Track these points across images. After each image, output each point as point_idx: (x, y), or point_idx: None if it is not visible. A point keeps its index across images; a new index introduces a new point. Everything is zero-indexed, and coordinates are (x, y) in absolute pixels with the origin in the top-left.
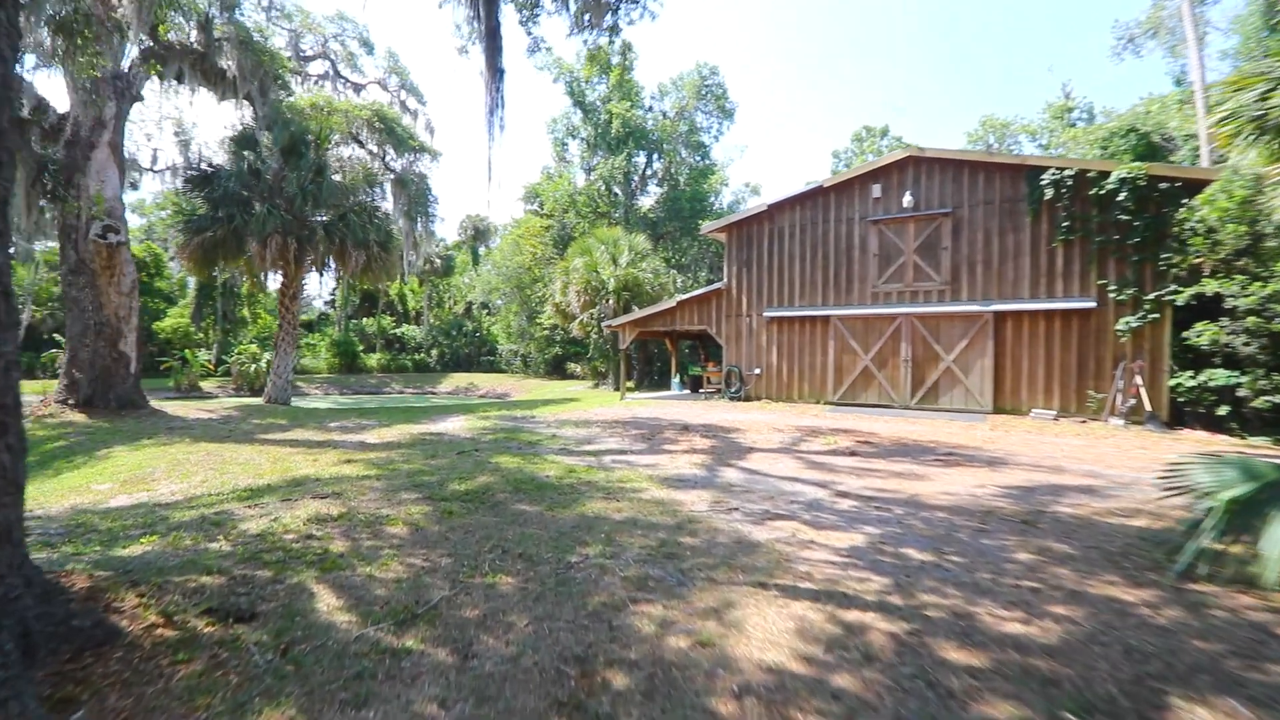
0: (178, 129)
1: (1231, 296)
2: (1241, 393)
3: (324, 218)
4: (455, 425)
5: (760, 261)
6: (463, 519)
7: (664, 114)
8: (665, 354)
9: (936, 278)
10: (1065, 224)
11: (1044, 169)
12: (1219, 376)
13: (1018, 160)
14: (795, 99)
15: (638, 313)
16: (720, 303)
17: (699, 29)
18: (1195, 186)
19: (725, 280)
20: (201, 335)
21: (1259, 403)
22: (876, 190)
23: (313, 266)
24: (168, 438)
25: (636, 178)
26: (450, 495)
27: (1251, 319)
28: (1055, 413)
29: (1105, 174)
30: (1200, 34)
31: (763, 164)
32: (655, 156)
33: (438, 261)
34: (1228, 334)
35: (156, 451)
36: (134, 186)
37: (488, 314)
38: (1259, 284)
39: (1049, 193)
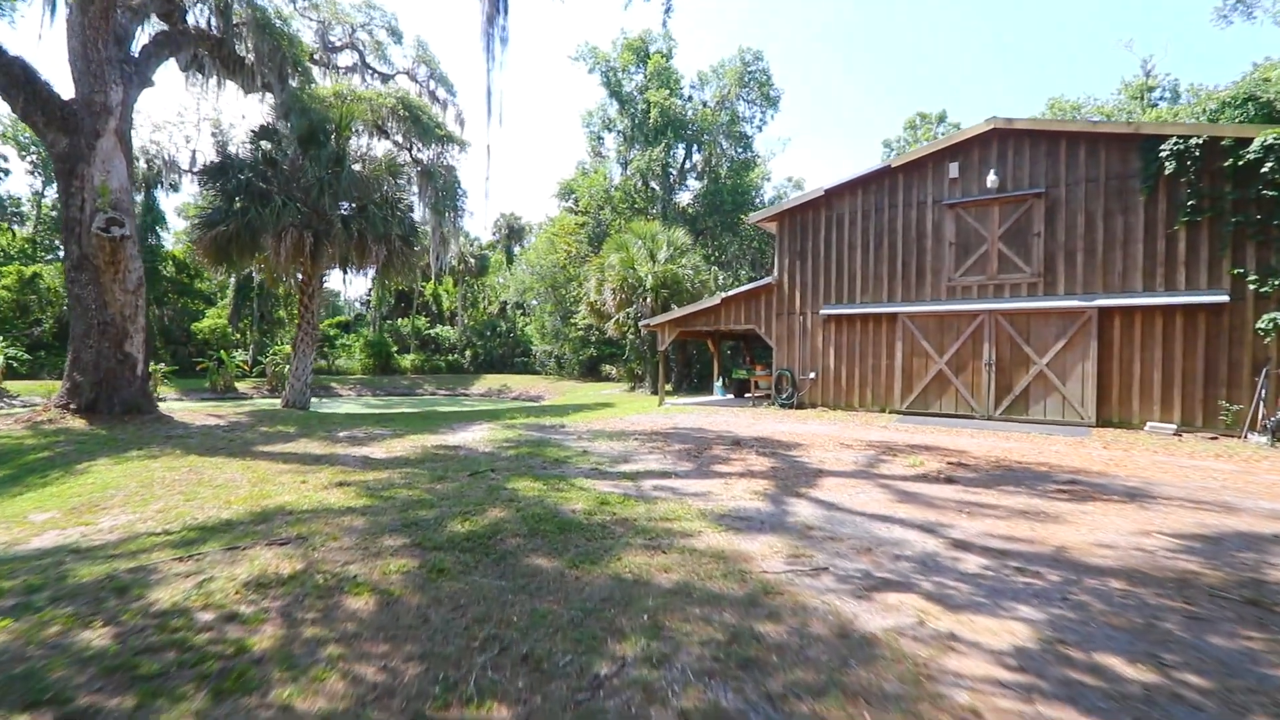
0: (215, 129)
1: None
2: None
3: (344, 211)
4: (475, 436)
5: (816, 253)
6: (455, 582)
7: (704, 103)
8: (706, 355)
9: (1026, 269)
10: (1190, 203)
11: (1163, 138)
12: None
13: (1130, 129)
14: (840, 89)
15: (678, 311)
16: (770, 299)
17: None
18: None
19: (775, 274)
20: (239, 336)
21: None
22: (953, 169)
23: (333, 263)
24: (159, 449)
25: (675, 171)
26: (446, 541)
27: None
28: (1176, 427)
29: (1245, 141)
30: None
31: (807, 158)
32: (695, 149)
33: (471, 261)
34: None
35: (137, 467)
36: (174, 188)
37: (522, 314)
38: None
39: (1170, 166)
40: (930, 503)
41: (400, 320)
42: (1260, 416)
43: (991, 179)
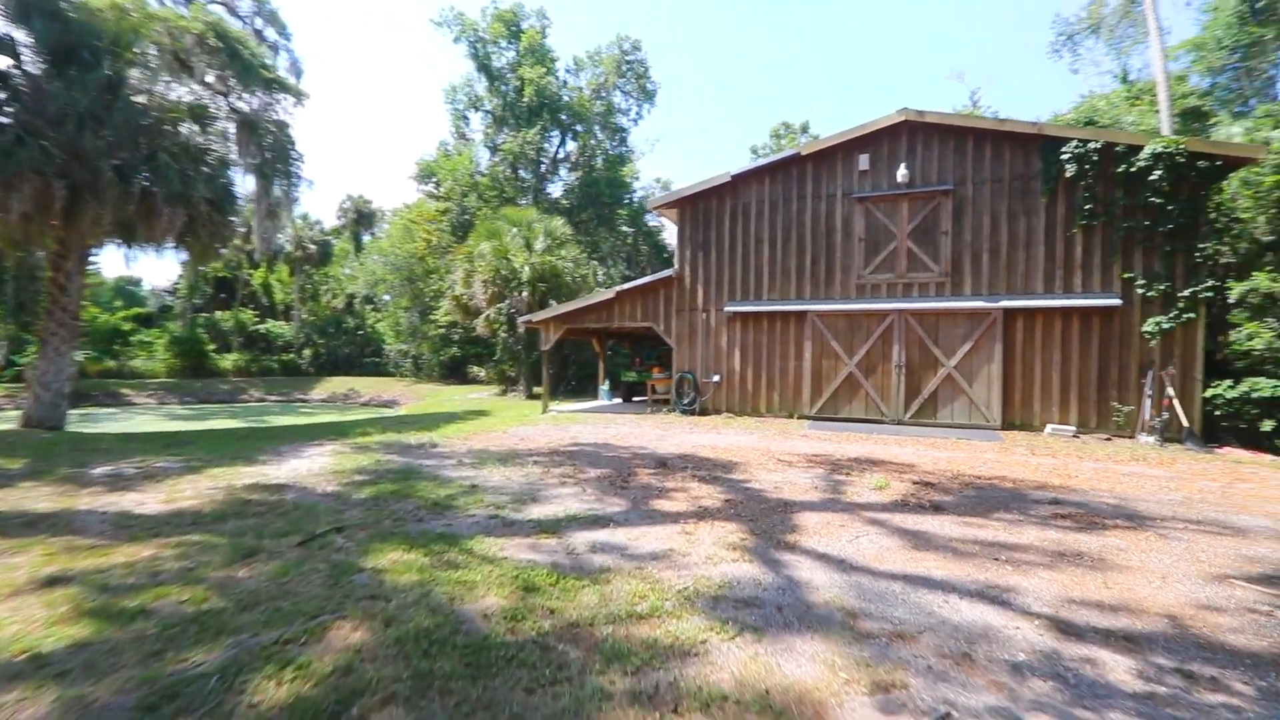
0: None
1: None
2: None
3: (121, 160)
4: (314, 465)
5: (720, 245)
6: None
7: (580, 89)
8: (585, 356)
9: (935, 268)
10: (1087, 206)
11: (1064, 140)
12: (1264, 387)
13: (1034, 129)
14: (708, 93)
15: (565, 306)
16: (670, 295)
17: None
18: (1239, 165)
19: (676, 267)
20: None
21: None
22: (864, 161)
23: (105, 229)
24: None
25: (547, 161)
26: None
27: None
28: (1074, 429)
29: (1136, 148)
30: (1160, 26)
31: (676, 160)
32: (568, 138)
33: (312, 247)
34: (1267, 339)
35: None
36: None
37: (373, 309)
38: None
39: (1070, 169)
40: (950, 548)
41: (220, 314)
42: (1148, 418)
43: (902, 173)
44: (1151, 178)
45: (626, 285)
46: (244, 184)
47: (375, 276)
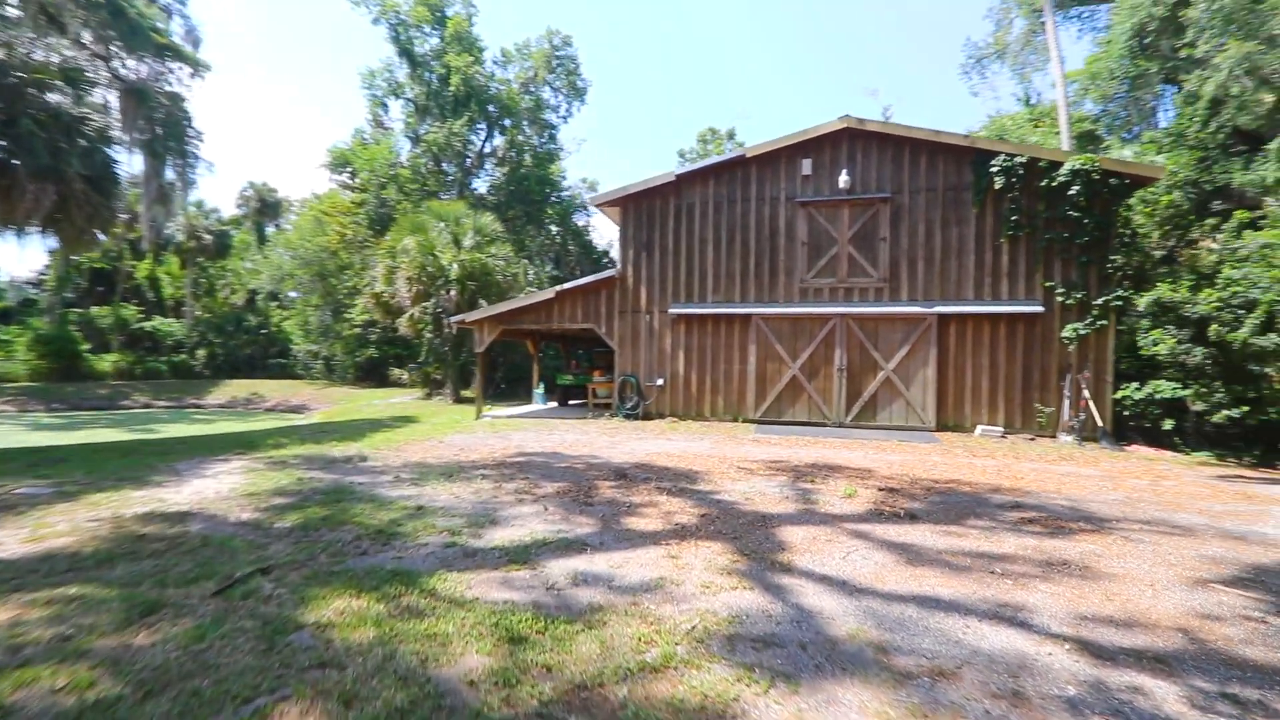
0: None
1: (1185, 303)
2: (1199, 406)
3: None
4: (221, 487)
5: (665, 245)
6: None
7: (509, 82)
8: (516, 358)
9: (874, 273)
10: (1013, 218)
11: (993, 154)
12: (1165, 389)
13: (966, 142)
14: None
15: (502, 306)
16: (612, 295)
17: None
18: (1143, 184)
19: (619, 267)
20: None
21: (1218, 417)
22: (806, 166)
23: None
24: None
25: (473, 155)
26: None
27: (1215, 327)
28: (1002, 430)
29: (1057, 165)
30: (1061, 56)
31: (602, 160)
32: (495, 132)
33: (208, 238)
34: (1180, 344)
35: None
36: None
37: (279, 306)
38: (1210, 291)
39: (999, 182)
40: (942, 561)
41: (98, 309)
42: (1067, 418)
43: (843, 179)
44: (1070, 192)
45: (567, 285)
46: (131, 163)
47: (282, 271)
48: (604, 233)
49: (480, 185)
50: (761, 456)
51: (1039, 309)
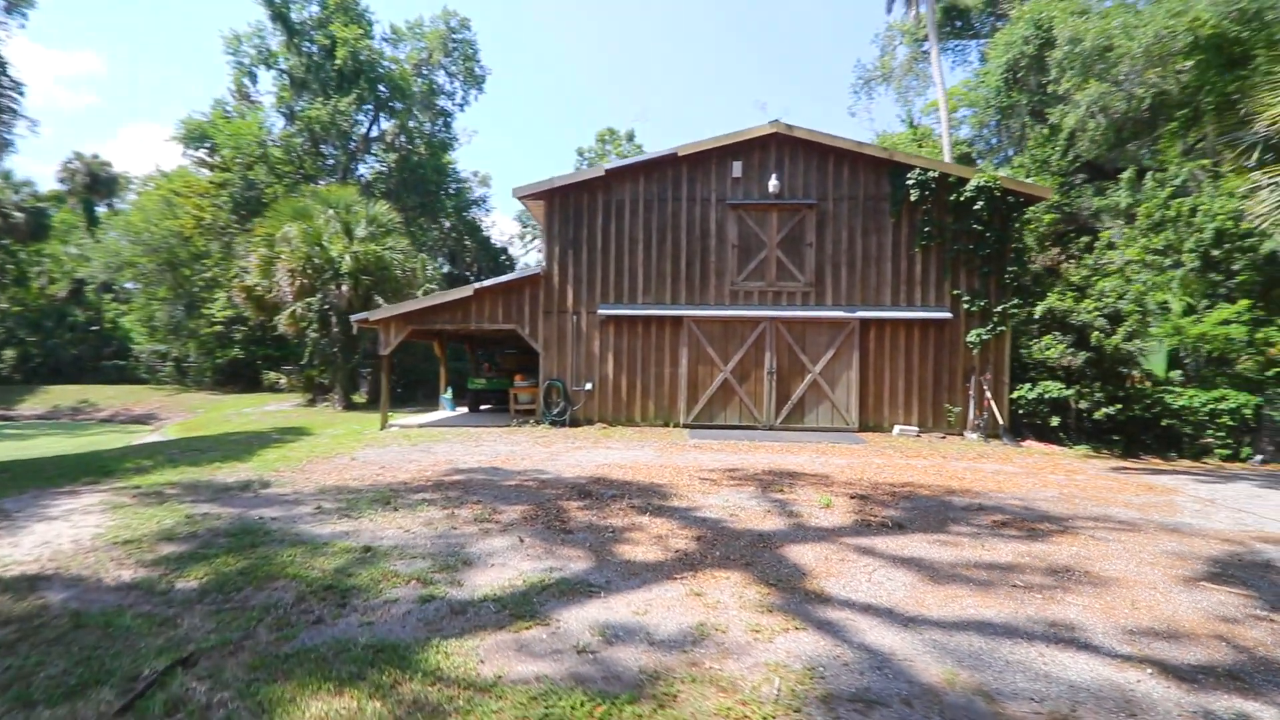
0: None
1: (1070, 313)
2: (1083, 405)
3: None
4: (79, 534)
5: (593, 243)
6: None
7: (400, 62)
8: (412, 360)
9: (800, 277)
10: (926, 229)
11: (910, 167)
12: (1053, 389)
13: (886, 154)
14: (533, 91)
15: (412, 304)
16: (536, 294)
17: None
18: (1033, 202)
19: (544, 264)
20: None
21: (1099, 414)
22: (737, 168)
23: None
24: None
25: (358, 138)
26: None
27: (1096, 335)
28: (917, 429)
29: (964, 181)
30: (945, 85)
31: (498, 154)
32: (384, 115)
33: (18, 215)
34: (1067, 349)
35: None
36: None
37: (114, 300)
38: (1089, 301)
39: (914, 194)
40: (962, 577)
41: None
42: (972, 417)
43: (774, 184)
44: (975, 207)
45: (487, 282)
46: None
47: (119, 259)
48: (503, 228)
49: (366, 172)
50: (712, 464)
51: (948, 315)
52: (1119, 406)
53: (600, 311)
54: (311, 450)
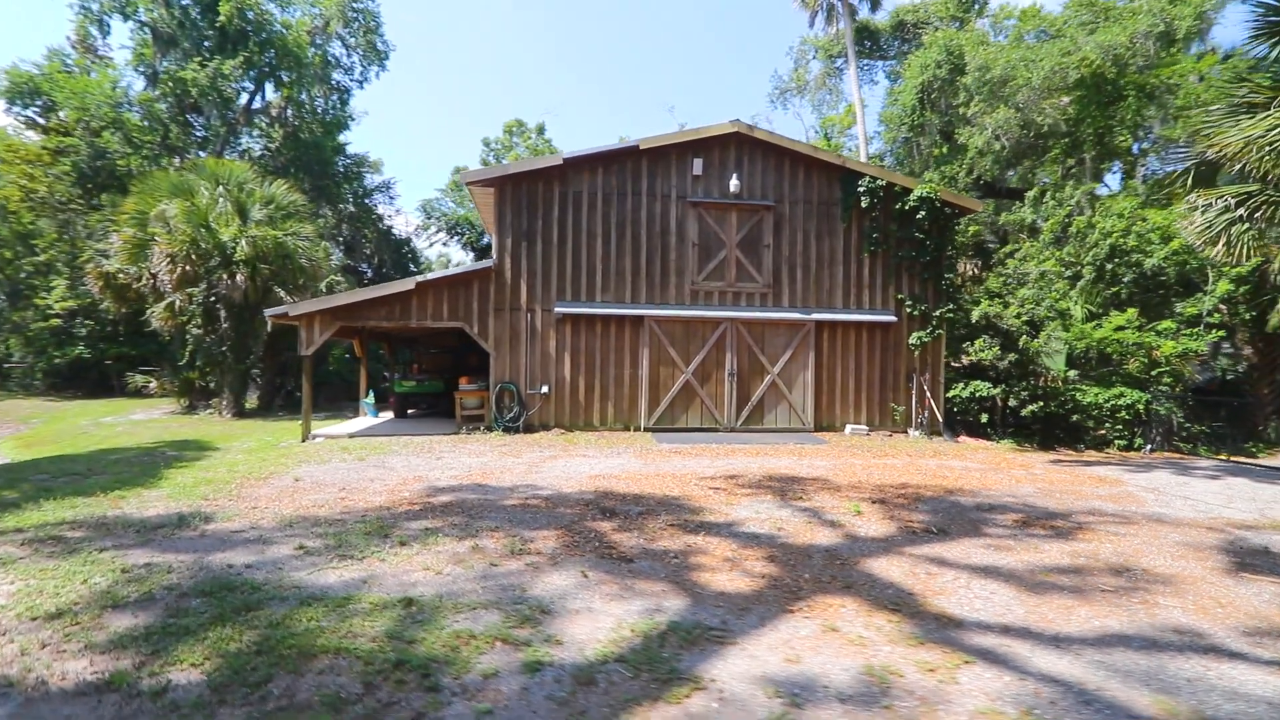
0: None
1: (997, 317)
2: (1013, 402)
3: None
4: None
5: (549, 237)
6: None
7: (292, 26)
8: (316, 360)
9: (759, 279)
10: (874, 234)
11: (860, 175)
12: (982, 388)
13: (838, 160)
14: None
15: (340, 298)
16: (486, 290)
17: None
18: (965, 214)
19: (495, 258)
20: None
21: (1026, 411)
22: (697, 166)
23: None
24: None
25: (239, 109)
26: None
27: (1024, 339)
28: (867, 428)
29: (908, 190)
30: (861, 100)
31: (388, 137)
32: (268, 86)
33: None
34: (996, 352)
35: None
36: None
37: None
38: (1014, 307)
39: (864, 201)
40: (1046, 584)
41: None
42: (914, 416)
43: (734, 184)
44: (918, 216)
45: (430, 275)
46: None
47: None
48: (410, 218)
49: (251, 147)
50: (706, 471)
51: (893, 318)
52: (1041, 404)
53: (557, 310)
54: (232, 470)
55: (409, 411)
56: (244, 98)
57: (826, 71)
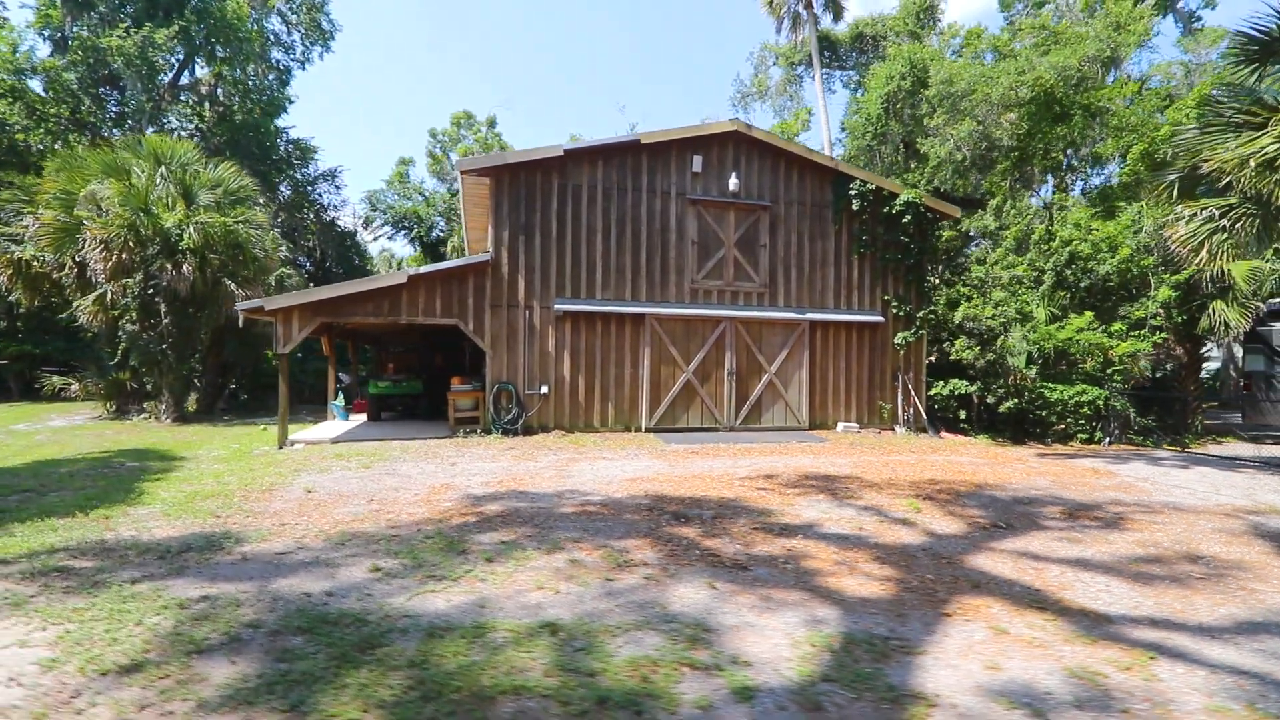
0: None
1: (975, 318)
2: (989, 399)
3: None
4: (17, 667)
5: (547, 230)
6: None
7: None
8: (256, 360)
9: (756, 278)
10: (863, 237)
11: (852, 179)
12: (960, 386)
13: (831, 164)
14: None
15: (323, 291)
16: (483, 285)
17: None
18: (944, 220)
19: (491, 251)
20: None
21: (1004, 408)
22: (697, 164)
23: None
24: None
25: (163, 85)
26: None
27: (1001, 339)
28: (858, 425)
29: (895, 195)
30: (826, 108)
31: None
32: (198, 61)
33: None
34: (976, 351)
35: None
36: None
37: None
38: (989, 309)
39: (855, 204)
40: (1147, 575)
41: None
42: (900, 413)
43: (734, 182)
44: (904, 220)
45: (423, 269)
46: None
47: None
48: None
49: (177, 128)
50: (737, 471)
51: (880, 319)
52: (1016, 400)
53: (557, 307)
54: (221, 483)
55: (383, 415)
56: (169, 74)
57: (787, 79)
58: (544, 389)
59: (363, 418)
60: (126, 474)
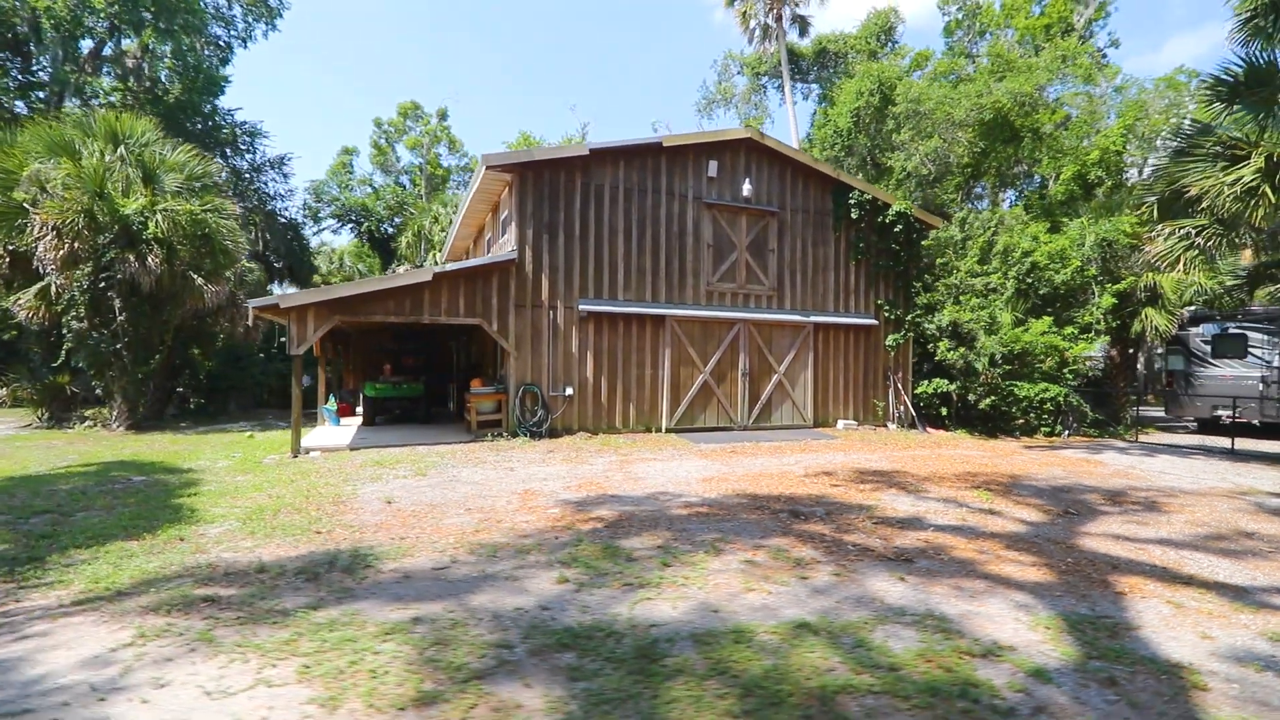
0: None
1: (958, 322)
2: (971, 397)
3: None
4: None
5: (571, 230)
6: None
7: None
8: (221, 361)
9: (765, 281)
10: (860, 244)
11: (851, 189)
12: (943, 385)
13: (832, 173)
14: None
15: (344, 288)
16: (507, 284)
17: None
18: (929, 229)
19: (515, 250)
20: None
21: (984, 405)
22: (712, 168)
23: None
24: None
25: (83, 55)
26: None
27: (983, 339)
28: (856, 422)
29: (888, 205)
30: (796, 120)
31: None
32: (124, 32)
33: None
34: (960, 353)
35: None
36: None
37: None
38: (969, 313)
39: (854, 212)
40: (1236, 551)
41: None
42: (892, 411)
43: (747, 188)
44: (896, 229)
45: (448, 267)
46: None
47: None
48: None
49: (104, 102)
50: (792, 469)
51: (873, 322)
52: (992, 398)
53: (581, 307)
54: (276, 497)
55: (377, 418)
56: (89, 43)
57: (752, 88)
58: (569, 390)
59: (352, 421)
60: (146, 489)
